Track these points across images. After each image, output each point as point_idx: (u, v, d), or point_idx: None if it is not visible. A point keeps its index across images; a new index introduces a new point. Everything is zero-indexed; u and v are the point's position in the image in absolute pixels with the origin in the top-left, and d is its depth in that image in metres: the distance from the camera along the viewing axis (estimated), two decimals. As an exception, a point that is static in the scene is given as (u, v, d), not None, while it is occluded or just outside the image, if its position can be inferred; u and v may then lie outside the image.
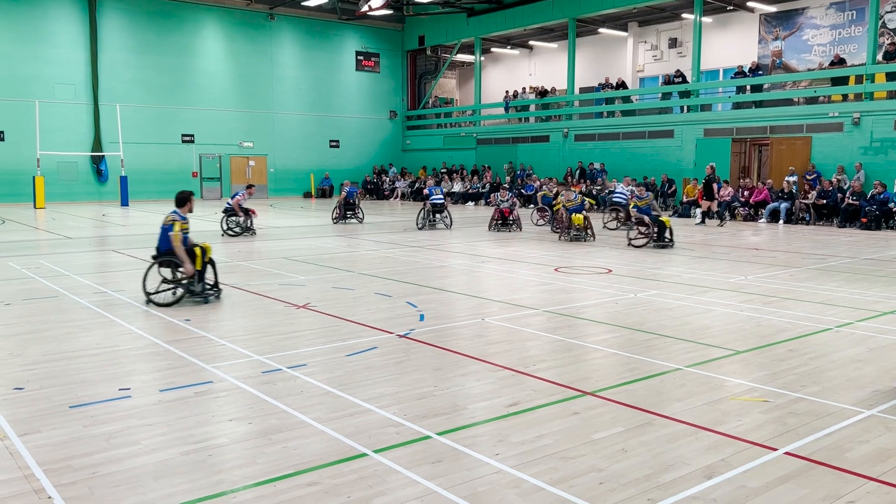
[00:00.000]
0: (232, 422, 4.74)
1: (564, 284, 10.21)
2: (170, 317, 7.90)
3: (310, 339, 7.00)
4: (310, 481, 3.84)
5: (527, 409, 5.00)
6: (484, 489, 3.76)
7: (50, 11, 29.16)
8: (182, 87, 32.37)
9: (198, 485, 3.79)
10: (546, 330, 7.40)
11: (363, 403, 5.08)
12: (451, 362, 6.17)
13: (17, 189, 28.30)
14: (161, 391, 5.35)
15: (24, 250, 14.06)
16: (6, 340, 6.85)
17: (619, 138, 28.77)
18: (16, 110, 28.40)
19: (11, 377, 5.67)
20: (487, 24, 33.82)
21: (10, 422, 4.67)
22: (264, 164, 35.36)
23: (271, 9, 34.10)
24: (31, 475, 3.89)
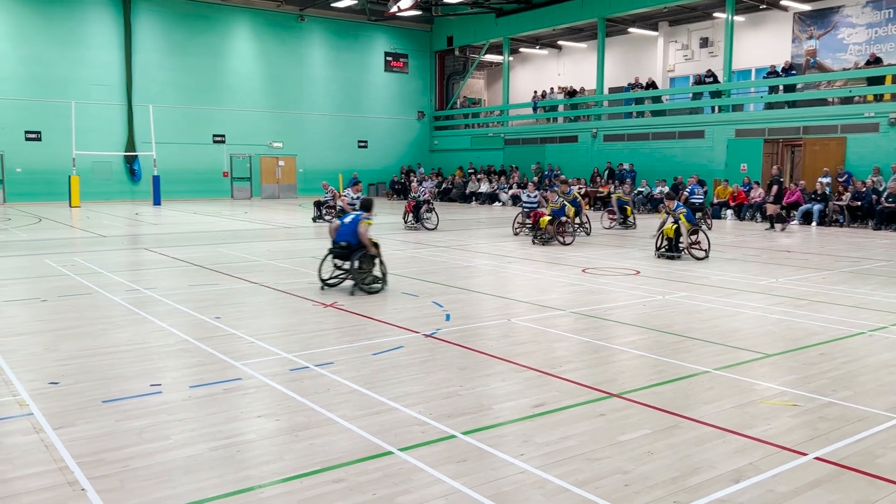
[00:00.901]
0: (260, 418, 4.80)
1: (592, 286, 10.15)
2: (200, 314, 8.02)
3: (337, 338, 7.06)
4: (336, 478, 3.88)
5: (553, 409, 4.99)
6: (508, 489, 3.76)
7: (86, 14, 29.74)
8: (213, 87, 32.80)
9: (226, 480, 3.85)
10: (573, 331, 7.38)
11: (389, 402, 5.11)
12: (477, 362, 6.18)
13: (53, 188, 28.91)
14: (191, 387, 5.43)
15: (60, 248, 14.36)
16: (42, 336, 7.02)
17: (648, 139, 28.52)
18: (53, 111, 29.01)
19: (47, 372, 5.80)
20: (516, 25, 33.75)
21: (46, 415, 4.78)
22: (293, 165, 35.68)
23: (301, 10, 34.40)
24: (66, 467, 3.98)
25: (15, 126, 28.71)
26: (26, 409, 4.91)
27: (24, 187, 28.92)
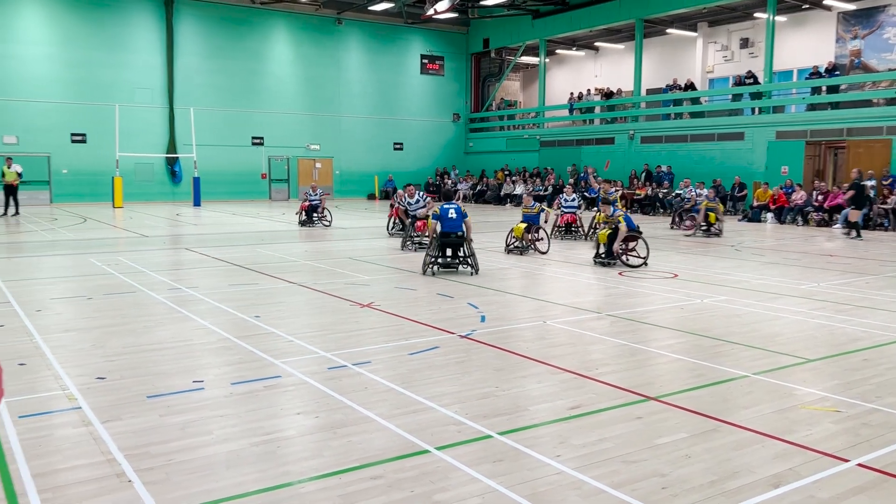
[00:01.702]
0: (299, 415, 4.89)
1: (628, 288, 10.09)
2: (240, 313, 8.17)
3: (373, 337, 7.13)
4: (373, 475, 3.94)
5: (589, 412, 4.99)
6: (544, 489, 3.78)
7: (130, 19, 30.43)
8: (252, 90, 33.30)
9: (266, 475, 3.93)
10: (609, 334, 7.35)
11: (425, 401, 5.16)
12: (513, 363, 6.20)
13: (97, 189, 29.62)
14: (232, 384, 5.55)
15: (104, 248, 14.72)
16: (89, 333, 7.22)
17: (686, 140, 28.18)
18: (97, 114, 29.73)
19: (94, 367, 5.97)
20: (553, 26, 33.63)
21: (93, 409, 4.93)
22: (330, 167, 36.03)
23: (339, 14, 34.75)
24: (113, 460, 4.10)
25: (61, 128, 29.50)
26: (75, 402, 5.07)
27: (70, 188, 29.69)
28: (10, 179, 23.16)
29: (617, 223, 12.18)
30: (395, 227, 17.02)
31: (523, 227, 13.72)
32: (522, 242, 13.82)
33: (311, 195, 20.06)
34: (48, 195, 29.52)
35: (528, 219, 13.92)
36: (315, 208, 19.87)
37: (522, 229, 13.69)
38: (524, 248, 13.87)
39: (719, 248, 15.32)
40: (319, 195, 20.18)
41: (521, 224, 13.84)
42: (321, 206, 19.94)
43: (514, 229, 13.81)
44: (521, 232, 13.72)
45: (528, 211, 14.11)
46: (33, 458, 4.09)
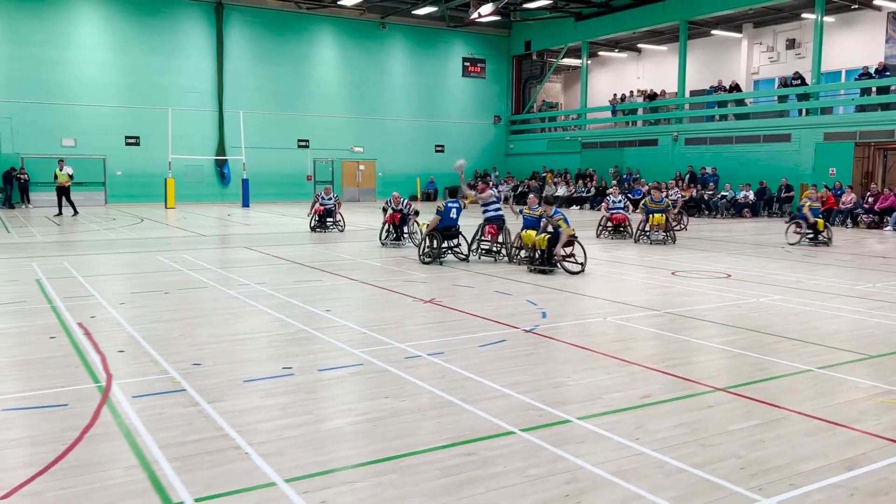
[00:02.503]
0: (387, 399, 5.22)
1: (684, 288, 10.26)
2: (311, 307, 8.57)
3: (441, 331, 7.45)
4: (466, 451, 4.25)
5: (660, 401, 5.24)
6: (629, 468, 4.05)
7: (182, 25, 31.35)
8: (299, 94, 34.01)
9: (370, 449, 4.28)
10: (670, 330, 7.56)
11: (502, 388, 5.46)
12: (580, 357, 6.47)
13: (149, 190, 30.56)
14: (319, 371, 5.92)
15: (167, 246, 15.33)
16: (175, 324, 7.68)
17: (731, 142, 28.05)
18: (150, 117, 30.68)
19: (187, 355, 6.40)
20: (595, 28, 33.71)
21: (197, 391, 5.33)
22: (373, 169, 36.58)
23: (383, 18, 35.29)
24: (227, 435, 4.49)
25: (116, 132, 30.51)
26: (178, 385, 5.48)
27: (124, 189, 30.68)
28: (62, 181, 24.02)
29: (557, 226, 11.37)
30: (387, 237, 15.31)
31: (533, 233, 11.77)
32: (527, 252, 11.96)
33: (324, 198, 18.73)
34: (103, 196, 30.54)
35: (528, 223, 12.14)
36: (330, 213, 18.66)
37: (533, 236, 11.69)
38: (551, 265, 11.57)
39: (769, 249, 15.34)
40: (334, 199, 18.90)
41: (530, 231, 11.91)
42: (336, 210, 18.73)
43: (524, 237, 11.92)
44: (530, 239, 11.75)
45: (531, 214, 12.17)
46: (155, 433, 4.49)
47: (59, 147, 29.36)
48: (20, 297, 9.04)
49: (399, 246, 15.06)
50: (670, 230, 16.33)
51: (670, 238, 16.27)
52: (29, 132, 28.85)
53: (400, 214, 15.25)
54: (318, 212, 18.55)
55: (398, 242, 15.28)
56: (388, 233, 15.35)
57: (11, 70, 28.28)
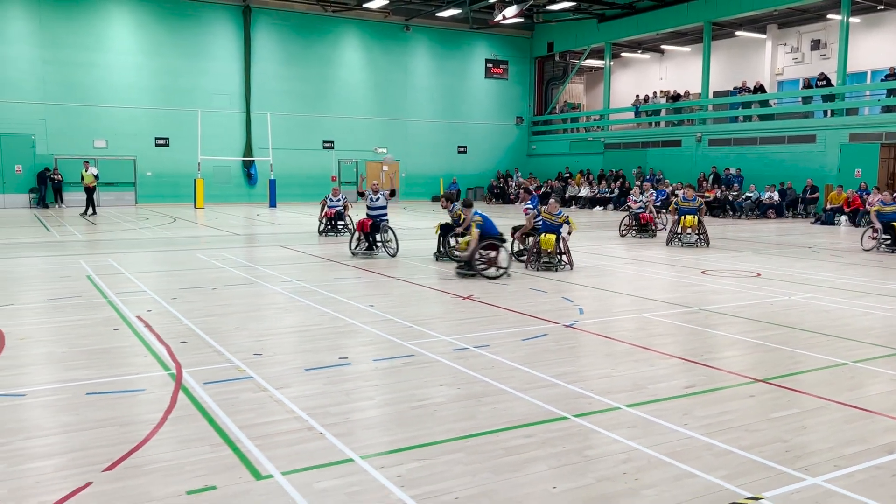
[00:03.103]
0: (442, 386, 5.52)
1: (715, 286, 10.47)
2: (355, 302, 8.88)
3: (483, 325, 7.73)
4: (525, 434, 4.53)
5: (703, 391, 5.49)
6: (680, 449, 4.31)
7: (211, 28, 31.89)
8: (324, 96, 34.45)
9: (435, 430, 4.57)
10: (706, 326, 7.79)
11: (551, 378, 5.73)
12: (621, 350, 6.72)
13: (178, 190, 31.13)
14: (374, 361, 6.23)
15: (205, 244, 15.74)
16: (228, 318, 8.02)
17: (756, 143, 28.08)
18: (179, 118, 31.26)
19: (246, 346, 6.73)
20: (619, 30, 33.84)
21: (264, 379, 5.65)
22: (396, 169, 36.91)
23: (407, 20, 35.65)
24: (299, 417, 4.80)
25: (146, 133, 31.10)
26: (244, 373, 5.81)
27: (154, 189, 31.27)
28: (87, 182, 24.53)
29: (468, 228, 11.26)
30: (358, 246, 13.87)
31: (551, 238, 11.60)
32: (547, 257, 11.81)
33: (333, 200, 17.62)
34: (133, 196, 31.14)
35: (549, 228, 11.74)
36: (340, 216, 17.66)
37: (553, 241, 11.61)
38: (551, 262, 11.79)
39: (795, 249, 15.45)
40: (343, 200, 17.81)
41: (549, 235, 11.64)
42: (346, 212, 17.67)
43: (543, 241, 11.64)
44: (551, 244, 11.61)
45: (551, 219, 11.77)
46: (232, 415, 4.82)
47: (92, 148, 30.01)
48: (76, 293, 9.44)
49: (371, 256, 13.55)
50: (704, 232, 15.77)
51: (703, 240, 15.72)
52: (62, 134, 29.50)
53: (371, 221, 13.64)
54: (328, 215, 17.62)
55: (370, 252, 13.71)
56: (360, 241, 13.79)
57: (46, 73, 28.96)
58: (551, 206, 12.02)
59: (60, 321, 7.73)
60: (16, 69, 28.43)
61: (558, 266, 11.82)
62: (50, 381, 5.56)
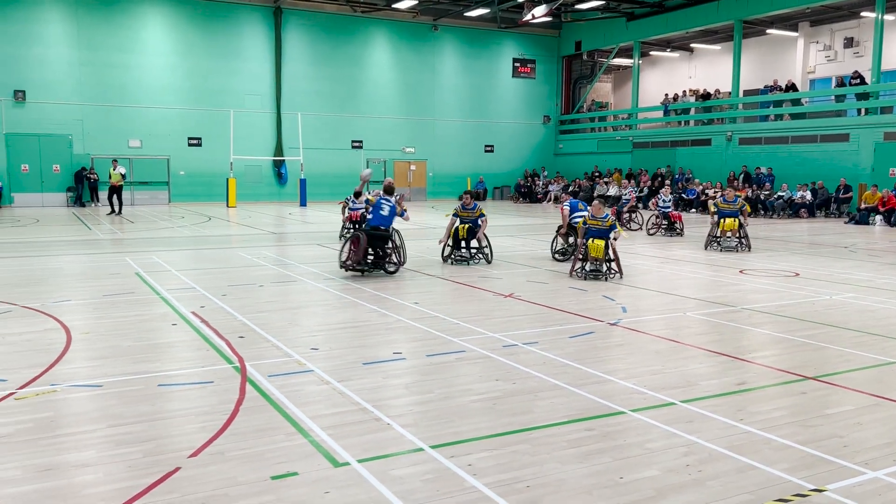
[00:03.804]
0: (498, 381, 5.67)
1: (754, 285, 10.51)
2: (400, 300, 9.07)
3: (528, 323, 7.87)
4: (586, 428, 4.67)
5: (755, 388, 5.59)
6: (739, 443, 4.42)
7: (242, 29, 32.31)
8: (353, 96, 34.74)
9: (496, 423, 4.72)
10: (750, 325, 7.86)
11: (603, 374, 5.86)
12: (669, 348, 6.83)
13: (211, 189, 31.59)
14: (427, 356, 6.40)
15: (244, 243, 16.04)
16: (280, 314, 8.25)
17: (787, 142, 27.87)
18: (211, 119, 31.71)
19: (302, 341, 6.94)
20: (647, 28, 33.73)
21: (325, 371, 5.85)
22: (424, 169, 37.14)
23: (435, 20, 35.82)
24: (365, 409, 4.98)
25: (179, 133, 31.59)
26: (305, 367, 6.01)
27: (186, 189, 31.75)
28: (115, 181, 24.92)
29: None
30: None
31: (600, 244, 10.75)
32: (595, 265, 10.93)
33: (355, 202, 15.68)
34: (167, 195, 31.66)
35: (596, 233, 10.90)
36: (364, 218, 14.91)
37: (602, 247, 10.76)
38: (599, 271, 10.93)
39: (831, 249, 15.38)
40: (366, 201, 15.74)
41: (597, 241, 10.79)
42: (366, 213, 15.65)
43: (591, 247, 10.78)
44: (601, 251, 10.75)
45: (597, 223, 10.94)
46: (300, 406, 5.01)
47: (126, 147, 30.56)
48: (127, 289, 9.73)
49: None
50: (745, 235, 14.74)
51: (744, 245, 14.61)
52: (98, 133, 30.08)
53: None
54: (353, 217, 15.61)
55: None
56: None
57: (83, 74, 29.54)
58: (596, 209, 11.11)
59: (118, 316, 8.00)
60: (55, 71, 29.04)
61: (607, 275, 10.88)
62: (121, 373, 5.80)
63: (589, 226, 11.05)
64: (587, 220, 11.10)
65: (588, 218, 11.11)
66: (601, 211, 11.09)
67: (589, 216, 11.13)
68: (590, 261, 10.97)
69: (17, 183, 28.94)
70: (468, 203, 12.70)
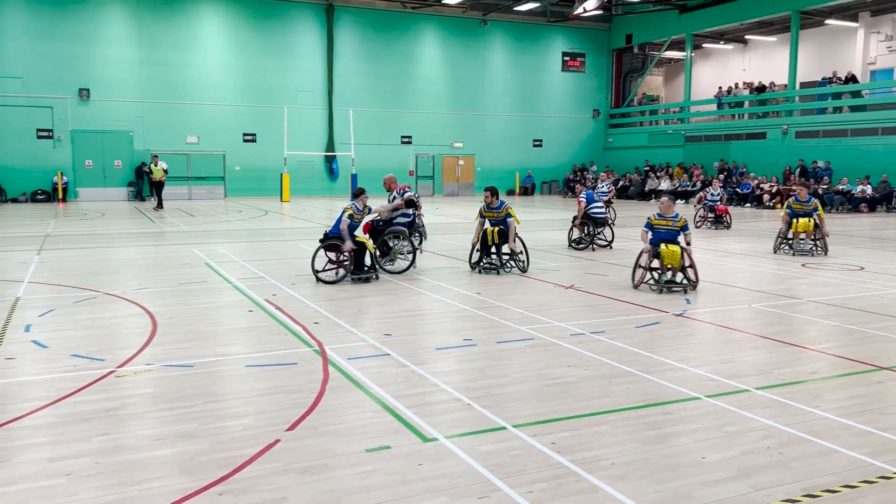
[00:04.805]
0: (570, 367, 5.80)
1: (818, 279, 10.40)
2: (462, 290, 9.25)
3: (593, 313, 7.96)
4: (663, 412, 4.78)
5: (828, 377, 5.61)
6: (818, 429, 4.48)
7: (295, 27, 32.90)
8: (402, 91, 35.06)
9: (574, 406, 4.86)
10: (817, 317, 7.82)
11: (674, 363, 5.94)
12: (737, 338, 6.86)
13: (265, 184, 32.27)
14: (497, 343, 6.56)
15: (301, 235, 16.44)
16: (348, 302, 8.51)
17: (846, 135, 27.20)
18: (266, 115, 32.38)
19: (374, 327, 7.17)
20: (701, 20, 33.23)
21: (400, 356, 6.06)
22: (472, 164, 37.28)
23: (485, 15, 35.89)
24: (444, 390, 5.17)
25: (235, 129, 32.34)
26: (380, 350, 6.23)
27: (241, 184, 32.49)
28: (157, 176, 25.54)
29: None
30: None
31: (676, 250, 9.13)
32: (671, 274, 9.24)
33: None
34: (223, 190, 32.45)
35: (662, 236, 9.35)
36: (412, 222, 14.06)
37: (679, 255, 9.13)
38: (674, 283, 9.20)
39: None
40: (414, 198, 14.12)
41: (671, 246, 9.17)
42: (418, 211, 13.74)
43: (665, 254, 9.11)
44: (677, 258, 9.12)
45: (668, 224, 9.40)
46: (382, 386, 5.23)
47: (184, 144, 31.43)
48: (200, 278, 10.11)
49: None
50: (821, 238, 12.90)
51: (819, 248, 12.89)
52: (158, 130, 30.99)
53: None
54: None
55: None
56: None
57: (144, 73, 30.47)
58: (665, 207, 9.56)
59: (196, 303, 8.36)
60: (117, 70, 30.01)
61: (687, 288, 9.15)
62: (209, 355, 6.11)
63: (656, 227, 9.48)
64: (652, 220, 9.50)
65: (654, 218, 9.52)
66: (670, 209, 9.57)
67: (655, 216, 9.55)
68: (664, 270, 9.21)
69: (82, 178, 30.04)
70: (492, 202, 10.78)
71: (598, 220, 13.76)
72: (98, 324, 7.26)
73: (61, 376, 5.46)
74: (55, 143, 29.49)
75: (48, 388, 5.19)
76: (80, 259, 12.12)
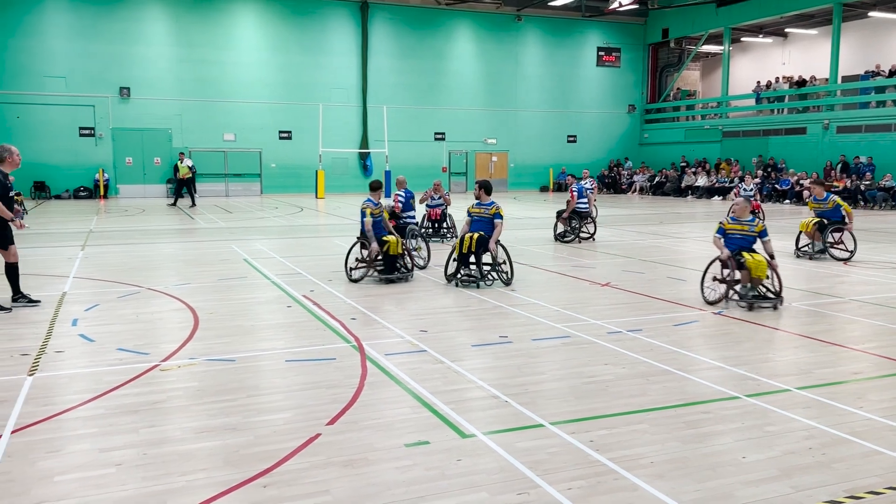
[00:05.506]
0: (607, 365, 5.79)
1: (860, 277, 10.19)
2: (497, 286, 9.26)
3: (629, 311, 7.92)
4: (703, 411, 4.75)
5: (871, 377, 5.51)
6: (861, 430, 4.41)
7: (330, 24, 33.15)
8: (436, 88, 35.11)
9: (612, 404, 4.86)
10: (860, 316, 7.68)
11: (712, 361, 5.90)
12: (777, 337, 6.77)
13: (300, 181, 32.62)
14: (533, 340, 6.57)
15: (336, 232, 16.60)
16: (384, 298, 8.59)
17: (890, 130, 26.53)
18: (301, 112, 32.70)
19: (411, 323, 7.23)
20: (739, 14, 32.68)
21: (436, 352, 6.11)
22: (505, 160, 37.20)
23: (519, 10, 35.75)
24: (481, 387, 5.21)
25: (271, 127, 32.73)
26: (417, 347, 6.29)
27: (277, 180, 32.88)
28: (183, 174, 25.88)
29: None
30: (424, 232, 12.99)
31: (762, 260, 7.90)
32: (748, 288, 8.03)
33: (434, 198, 14.79)
34: (259, 187, 32.87)
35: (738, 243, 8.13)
36: (445, 216, 14.77)
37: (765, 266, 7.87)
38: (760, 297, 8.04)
39: (943, 241, 14.68)
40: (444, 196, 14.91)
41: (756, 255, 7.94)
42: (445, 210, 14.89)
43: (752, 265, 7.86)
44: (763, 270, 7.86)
45: (744, 230, 8.18)
46: (420, 382, 5.28)
47: (221, 141, 31.90)
48: (240, 274, 10.29)
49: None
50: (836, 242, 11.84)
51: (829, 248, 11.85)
52: (195, 127, 31.50)
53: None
54: (430, 216, 14.67)
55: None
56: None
57: (181, 71, 30.98)
58: (740, 210, 8.29)
59: (237, 299, 8.51)
60: (156, 68, 30.56)
61: (776, 302, 7.96)
62: (250, 349, 6.23)
63: (729, 233, 8.26)
64: (725, 225, 8.33)
65: (727, 223, 8.36)
66: (746, 213, 8.27)
67: (728, 220, 8.40)
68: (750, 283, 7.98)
69: (122, 175, 30.67)
70: (482, 198, 9.62)
71: (581, 214, 14.54)
72: (142, 318, 7.44)
73: (108, 369, 5.62)
74: (97, 140, 30.15)
75: (96, 380, 5.35)
76: (123, 255, 12.40)
